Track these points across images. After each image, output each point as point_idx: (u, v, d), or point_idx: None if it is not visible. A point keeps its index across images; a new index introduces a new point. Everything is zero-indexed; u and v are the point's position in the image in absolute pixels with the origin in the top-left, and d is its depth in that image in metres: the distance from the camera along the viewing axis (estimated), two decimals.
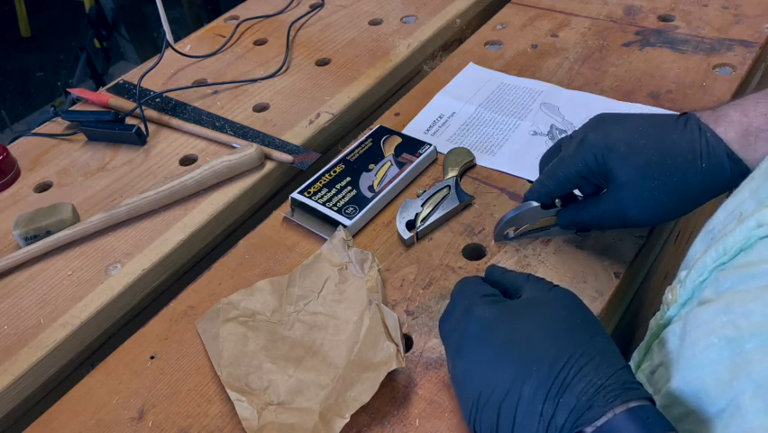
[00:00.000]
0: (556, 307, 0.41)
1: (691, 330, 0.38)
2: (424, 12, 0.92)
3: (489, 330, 0.41)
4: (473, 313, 0.42)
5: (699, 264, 0.40)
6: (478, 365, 0.40)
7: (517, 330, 0.40)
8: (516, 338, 0.39)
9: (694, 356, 0.37)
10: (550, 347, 0.37)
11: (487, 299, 0.43)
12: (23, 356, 0.55)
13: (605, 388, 0.35)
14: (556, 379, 0.36)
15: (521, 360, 0.38)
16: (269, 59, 0.87)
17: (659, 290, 0.71)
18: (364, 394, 0.45)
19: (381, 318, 0.50)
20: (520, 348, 0.38)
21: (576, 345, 0.37)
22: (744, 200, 0.40)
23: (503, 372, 0.38)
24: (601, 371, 0.36)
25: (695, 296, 0.40)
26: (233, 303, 0.55)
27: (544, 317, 0.40)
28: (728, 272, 0.37)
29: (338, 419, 0.45)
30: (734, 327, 0.34)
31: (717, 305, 0.36)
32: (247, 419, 0.46)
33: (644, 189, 0.47)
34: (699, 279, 0.39)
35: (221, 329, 0.53)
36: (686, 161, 0.46)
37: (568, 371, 0.36)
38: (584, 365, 0.36)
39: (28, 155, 0.76)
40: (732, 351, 0.34)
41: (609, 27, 0.84)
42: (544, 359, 0.37)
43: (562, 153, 0.52)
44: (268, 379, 0.49)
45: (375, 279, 0.54)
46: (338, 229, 0.58)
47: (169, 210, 0.66)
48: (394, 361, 0.46)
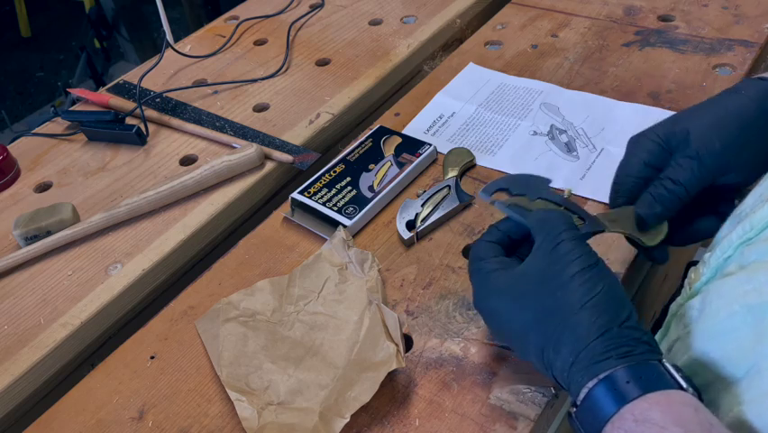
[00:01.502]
0: (551, 274, 0.40)
1: (712, 301, 0.38)
2: (424, 12, 0.92)
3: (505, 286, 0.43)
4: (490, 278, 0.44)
5: (725, 242, 0.40)
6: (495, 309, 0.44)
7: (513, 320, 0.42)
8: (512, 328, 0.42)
9: (715, 325, 0.37)
10: (537, 334, 0.40)
11: (497, 261, 0.44)
12: (23, 356, 0.55)
13: (576, 364, 0.37)
14: (545, 361, 0.40)
15: (518, 350, 0.43)
16: (269, 59, 0.87)
17: (659, 290, 0.71)
18: (364, 394, 0.45)
19: (381, 318, 0.50)
20: (516, 341, 0.43)
21: (556, 324, 0.38)
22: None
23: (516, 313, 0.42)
24: (572, 345, 0.37)
25: (719, 272, 0.40)
26: (233, 303, 0.55)
27: (537, 296, 0.40)
28: (754, 246, 0.37)
29: (338, 418, 0.45)
30: (757, 294, 0.35)
31: (740, 275, 0.37)
32: (247, 418, 0.46)
33: (716, 135, 0.46)
34: (723, 256, 0.40)
35: (221, 329, 0.53)
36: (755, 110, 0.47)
37: (549, 353, 0.39)
38: (559, 343, 0.38)
39: (28, 155, 0.76)
40: (755, 317, 0.34)
41: (609, 27, 0.84)
42: (536, 345, 0.40)
43: (647, 130, 0.51)
44: (268, 379, 0.49)
45: (375, 279, 0.54)
46: (338, 229, 0.58)
47: (169, 210, 0.66)
48: (394, 361, 0.46)
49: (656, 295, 0.72)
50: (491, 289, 0.43)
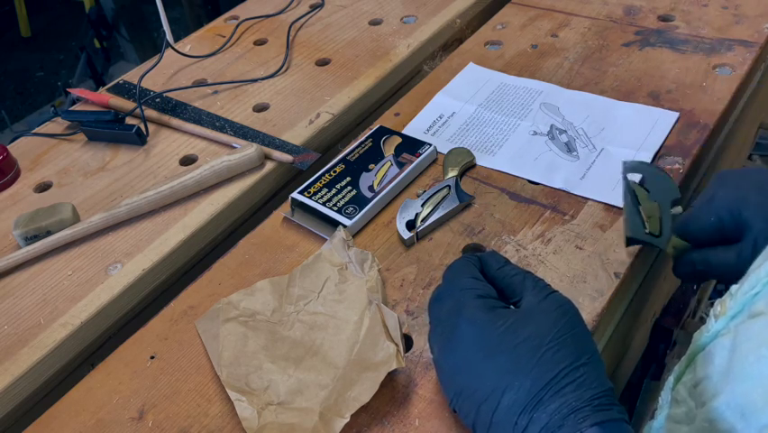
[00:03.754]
0: (549, 321, 0.41)
1: (741, 343, 0.37)
2: (424, 12, 0.92)
3: (479, 334, 0.42)
4: (465, 314, 0.43)
5: (752, 277, 0.39)
6: (464, 364, 0.42)
7: (507, 341, 0.41)
8: (505, 348, 0.40)
9: (743, 370, 0.36)
10: (534, 366, 0.39)
11: (482, 302, 0.43)
12: (23, 356, 0.55)
13: (579, 411, 0.37)
14: (535, 396, 0.38)
15: (506, 370, 0.40)
16: (269, 59, 0.87)
17: (659, 291, 0.71)
18: (364, 394, 0.45)
19: (381, 318, 0.50)
20: (507, 359, 0.40)
21: (559, 368, 0.39)
22: None
23: (487, 376, 0.40)
24: (578, 394, 0.38)
25: (745, 309, 0.39)
26: (232, 303, 0.55)
27: (534, 333, 0.41)
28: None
29: (338, 418, 0.45)
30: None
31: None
32: (247, 418, 0.46)
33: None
34: (751, 291, 0.39)
35: (221, 329, 0.53)
36: None
37: (547, 390, 0.38)
38: (563, 387, 0.38)
39: (28, 155, 0.76)
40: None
41: (609, 27, 0.84)
42: (528, 376, 0.39)
43: (692, 210, 0.52)
44: (268, 379, 0.49)
45: (375, 279, 0.54)
46: (338, 229, 0.58)
47: (169, 210, 0.66)
48: (394, 361, 0.46)
49: (656, 295, 0.72)
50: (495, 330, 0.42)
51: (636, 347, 0.75)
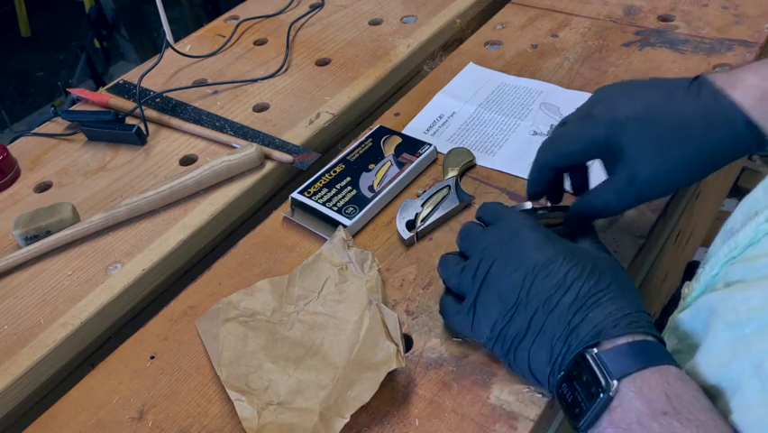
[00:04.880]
0: (611, 258, 0.46)
1: (699, 316, 0.40)
2: (424, 12, 0.92)
3: (544, 239, 0.45)
4: (526, 226, 0.46)
5: (712, 259, 0.41)
6: (531, 263, 0.44)
7: (568, 249, 0.44)
8: (566, 255, 0.43)
9: (701, 341, 0.39)
10: (593, 270, 0.42)
11: (538, 223, 0.47)
12: (23, 356, 0.55)
13: (630, 316, 0.40)
14: (593, 297, 0.41)
15: (569, 270, 0.42)
16: (269, 59, 0.87)
17: (659, 290, 0.71)
18: (364, 394, 0.45)
19: (381, 318, 0.50)
20: (569, 264, 0.43)
21: (619, 281, 0.42)
22: (758, 199, 0.41)
23: (551, 276, 0.42)
24: (633, 305, 0.41)
25: (707, 288, 0.42)
26: (232, 303, 0.55)
27: (599, 255, 0.45)
28: (737, 266, 0.39)
29: (338, 418, 0.45)
30: (734, 312, 0.36)
31: (721, 293, 0.39)
32: (247, 418, 0.46)
33: (660, 164, 0.45)
34: (711, 273, 0.41)
35: (221, 329, 0.53)
36: (701, 133, 0.44)
37: (605, 294, 0.41)
38: (619, 296, 0.41)
39: (28, 155, 0.76)
40: (734, 334, 0.36)
41: (609, 27, 0.84)
42: (590, 277, 0.42)
43: (566, 128, 0.50)
44: (268, 379, 0.49)
45: (375, 279, 0.54)
46: (338, 229, 0.58)
47: (169, 210, 0.66)
48: (394, 361, 0.46)
49: (656, 295, 0.72)
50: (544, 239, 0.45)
51: None
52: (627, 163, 0.46)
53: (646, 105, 0.46)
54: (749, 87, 0.44)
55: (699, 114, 0.44)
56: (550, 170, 0.52)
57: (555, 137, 0.51)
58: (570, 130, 0.50)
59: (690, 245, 0.90)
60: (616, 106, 0.47)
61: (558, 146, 0.50)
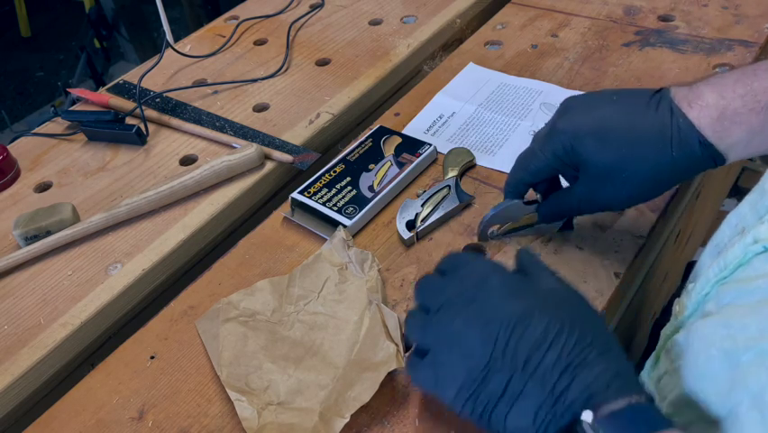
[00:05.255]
0: (580, 298, 0.41)
1: (694, 342, 0.38)
2: (424, 12, 0.92)
3: (517, 289, 0.40)
4: (496, 273, 0.41)
5: (703, 278, 0.40)
6: (504, 318, 0.38)
7: (541, 296, 0.39)
8: (542, 303, 0.38)
9: (696, 367, 0.37)
10: (574, 322, 0.37)
11: (505, 269, 0.43)
12: (23, 356, 0.55)
13: (622, 375, 0.35)
14: (580, 354, 0.36)
15: (548, 324, 0.37)
16: (269, 59, 0.87)
17: (659, 290, 0.71)
18: (364, 394, 0.45)
19: (381, 318, 0.50)
20: (546, 313, 0.38)
21: (599, 332, 0.37)
22: (744, 214, 0.40)
23: (529, 332, 0.37)
24: (621, 362, 0.36)
25: (699, 308, 0.40)
26: (232, 303, 0.55)
27: (571, 299, 0.40)
28: (728, 286, 0.38)
29: (338, 418, 0.45)
30: (731, 340, 0.35)
31: (716, 318, 0.37)
32: (247, 418, 0.46)
33: (616, 179, 0.46)
34: (702, 292, 0.40)
35: (221, 329, 0.53)
36: (657, 149, 0.45)
37: (590, 350, 0.36)
38: (607, 351, 0.36)
39: (28, 155, 0.76)
40: (730, 363, 0.34)
41: (609, 27, 0.84)
42: (572, 332, 0.37)
43: (533, 144, 0.51)
44: (268, 379, 0.49)
45: (375, 279, 0.54)
46: (338, 229, 0.58)
47: (169, 210, 0.66)
48: (394, 361, 0.46)
49: (656, 295, 0.72)
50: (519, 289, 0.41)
51: (636, 347, 0.75)
52: (588, 177, 0.48)
53: (606, 119, 0.47)
54: (706, 107, 0.44)
55: (656, 131, 0.45)
56: (524, 186, 0.53)
57: (525, 154, 0.52)
58: (537, 146, 0.51)
59: (690, 245, 0.90)
60: (577, 120, 0.48)
61: (527, 163, 0.51)
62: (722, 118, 0.43)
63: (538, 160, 0.50)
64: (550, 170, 0.50)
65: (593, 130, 0.47)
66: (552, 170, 0.50)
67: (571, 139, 0.47)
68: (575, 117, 0.48)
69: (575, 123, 0.48)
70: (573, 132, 0.47)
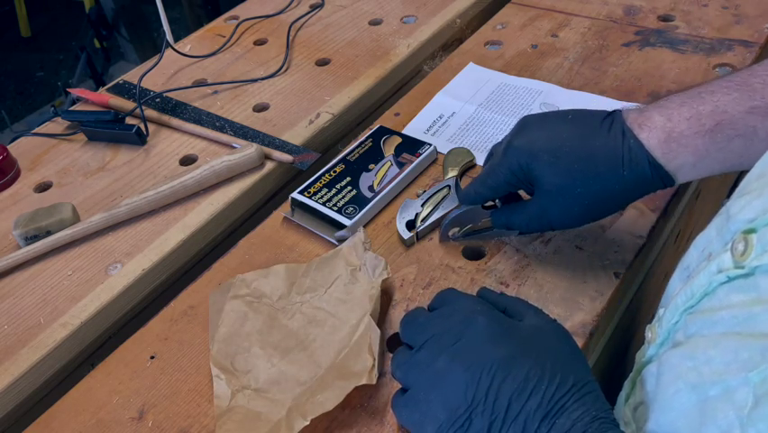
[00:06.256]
0: (561, 336, 0.42)
1: (664, 373, 0.38)
2: (424, 12, 0.92)
3: (500, 332, 0.41)
4: (481, 314, 0.42)
5: (672, 306, 0.40)
6: (486, 362, 0.39)
7: (522, 339, 0.40)
8: (524, 348, 0.39)
9: (666, 400, 0.37)
10: (555, 367, 0.38)
11: (494, 312, 0.43)
12: (23, 356, 0.55)
13: (600, 419, 0.37)
14: (559, 400, 0.37)
15: (530, 370, 0.38)
16: (269, 59, 0.87)
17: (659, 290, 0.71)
18: (328, 403, 0.44)
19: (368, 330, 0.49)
20: (528, 358, 0.39)
21: (579, 375, 0.39)
22: (711, 239, 0.39)
23: (511, 378, 0.38)
24: (599, 405, 0.37)
25: (670, 336, 0.40)
26: (246, 281, 0.55)
27: (554, 344, 0.41)
28: (695, 317, 0.37)
29: (300, 419, 0.44)
30: (697, 373, 0.34)
31: (683, 350, 0.37)
32: (219, 397, 0.47)
33: (568, 196, 0.48)
34: (672, 320, 0.40)
35: (226, 304, 0.54)
36: (608, 169, 0.46)
37: (570, 396, 0.37)
38: (585, 395, 0.38)
39: (28, 155, 0.76)
40: (698, 397, 0.34)
41: (609, 27, 0.84)
42: (553, 378, 0.38)
43: (492, 160, 0.53)
44: (252, 363, 0.50)
45: (377, 288, 0.53)
46: (359, 230, 0.58)
47: (169, 210, 0.66)
48: (365, 376, 0.45)
49: (656, 295, 0.72)
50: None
51: (636, 347, 0.75)
52: (541, 194, 0.49)
53: (561, 137, 0.48)
54: (654, 129, 0.45)
55: (608, 150, 0.46)
56: (482, 199, 0.54)
57: (485, 171, 0.53)
58: (494, 162, 0.52)
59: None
60: (532, 138, 0.49)
61: (486, 180, 0.52)
62: (669, 140, 0.44)
63: (496, 175, 0.51)
64: (507, 186, 0.51)
65: (547, 147, 0.48)
66: (509, 186, 0.51)
67: (527, 156, 0.48)
68: (531, 134, 0.49)
69: (530, 140, 0.49)
70: (528, 149, 0.49)
